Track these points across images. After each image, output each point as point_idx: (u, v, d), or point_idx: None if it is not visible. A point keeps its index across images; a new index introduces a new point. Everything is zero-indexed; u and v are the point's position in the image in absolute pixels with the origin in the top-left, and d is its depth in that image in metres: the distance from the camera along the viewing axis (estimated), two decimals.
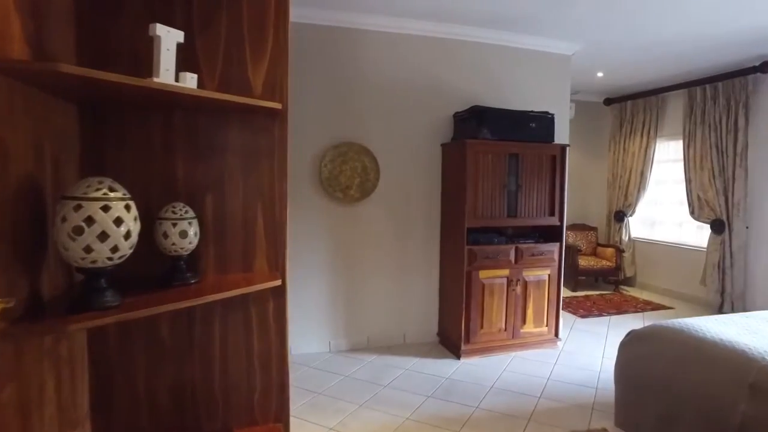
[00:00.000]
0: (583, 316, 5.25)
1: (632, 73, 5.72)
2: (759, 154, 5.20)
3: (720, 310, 5.43)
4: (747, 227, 5.33)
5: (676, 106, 6.09)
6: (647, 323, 5.07)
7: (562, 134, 4.41)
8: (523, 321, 4.11)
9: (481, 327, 3.98)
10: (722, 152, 5.44)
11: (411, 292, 4.31)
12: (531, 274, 4.09)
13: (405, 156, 4.20)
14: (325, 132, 3.99)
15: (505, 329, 4.06)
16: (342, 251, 4.10)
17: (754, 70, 5.10)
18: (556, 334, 4.25)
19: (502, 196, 3.99)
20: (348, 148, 4.05)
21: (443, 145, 4.26)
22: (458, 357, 3.96)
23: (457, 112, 4.17)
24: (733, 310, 5.34)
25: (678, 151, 6.21)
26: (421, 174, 4.26)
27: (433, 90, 4.23)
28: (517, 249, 4.03)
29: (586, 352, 4.17)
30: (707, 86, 5.58)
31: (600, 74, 5.79)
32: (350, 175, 4.06)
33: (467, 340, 3.95)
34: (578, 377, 3.63)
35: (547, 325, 4.20)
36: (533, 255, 4.07)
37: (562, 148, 4.14)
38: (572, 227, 6.99)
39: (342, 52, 3.98)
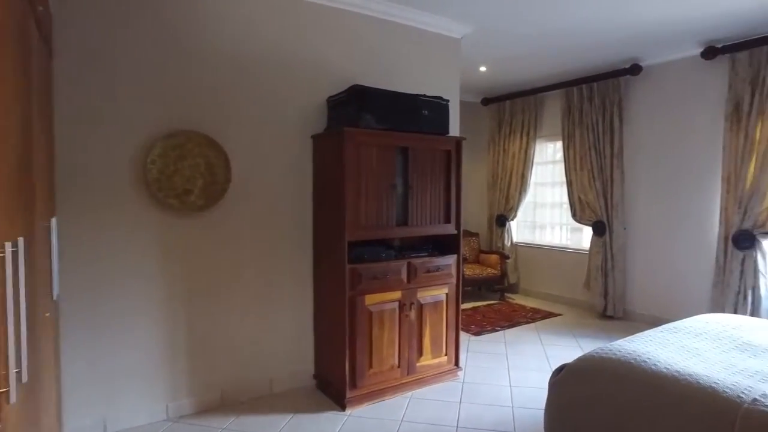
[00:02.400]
0: (476, 333, 4.71)
1: (513, 68, 5.40)
2: (633, 156, 5.15)
3: (604, 313, 5.29)
4: (625, 228, 5.25)
5: (554, 107, 5.93)
6: (543, 335, 4.73)
7: (453, 126, 3.79)
8: (420, 352, 3.37)
9: (370, 366, 3.14)
10: (600, 153, 5.32)
11: (278, 327, 3.33)
12: (427, 295, 3.37)
13: (265, 150, 3.24)
14: (153, 116, 2.87)
15: (399, 365, 3.27)
16: (181, 279, 2.99)
17: (625, 72, 5.04)
18: (457, 363, 3.58)
19: (391, 201, 3.22)
20: (186, 139, 2.96)
21: (315, 137, 3.37)
22: (343, 407, 3.07)
23: (331, 96, 3.31)
24: (615, 313, 5.22)
25: (558, 152, 6.07)
26: (287, 173, 3.32)
27: (302, 68, 3.33)
28: (409, 265, 3.28)
29: (490, 380, 3.56)
30: (584, 86, 5.45)
31: (483, 68, 5.38)
32: (190, 175, 2.98)
33: (353, 385, 3.09)
34: (490, 418, 2.96)
35: (446, 354, 3.51)
36: (429, 271, 3.36)
37: (458, 141, 3.50)
38: None
39: (177, 7, 2.89)
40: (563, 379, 2.25)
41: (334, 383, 3.19)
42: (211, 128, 3.04)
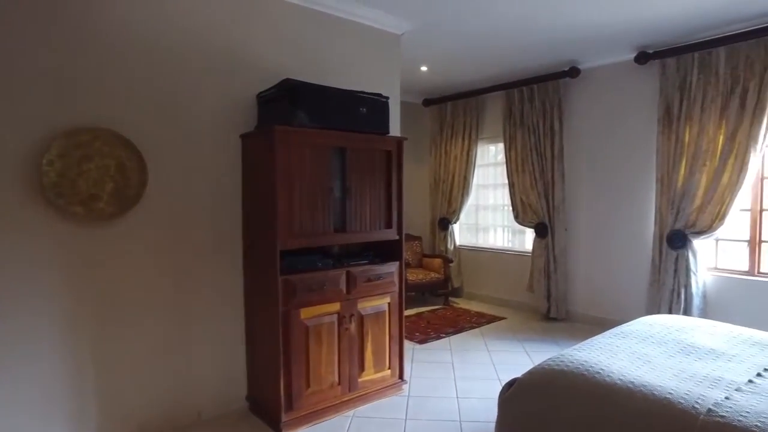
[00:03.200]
0: (421, 342, 4.55)
1: (454, 69, 5.32)
2: (573, 157, 5.20)
3: (548, 316, 5.29)
4: (566, 230, 5.28)
5: (495, 108, 5.90)
6: (489, 340, 4.58)
7: (393, 126, 3.61)
8: (361, 367, 3.15)
9: (308, 386, 2.89)
10: (541, 155, 5.33)
11: (204, 347, 3.00)
12: (368, 306, 3.16)
13: (188, 151, 2.91)
14: (49, 109, 2.48)
15: (339, 383, 3.03)
16: (88, 298, 2.61)
17: (564, 74, 5.07)
18: (401, 376, 3.39)
19: (328, 205, 2.98)
20: (92, 137, 2.59)
21: (244, 137, 3.07)
22: None
23: (261, 92, 3.03)
24: (558, 315, 5.23)
25: (500, 153, 6.06)
26: (213, 176, 3.01)
27: (229, 61, 3.03)
28: (348, 274, 3.05)
29: (437, 392, 3.39)
30: (524, 88, 5.45)
31: (424, 68, 5.25)
32: (98, 178, 2.61)
33: (290, 407, 2.82)
34: None
35: (390, 367, 3.31)
36: (369, 280, 3.14)
37: (399, 142, 3.32)
38: None
39: None
40: (514, 394, 2.11)
41: (269, 406, 2.91)
42: (125, 126, 2.68)
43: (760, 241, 4.12)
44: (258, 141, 2.94)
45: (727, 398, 1.80)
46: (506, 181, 5.78)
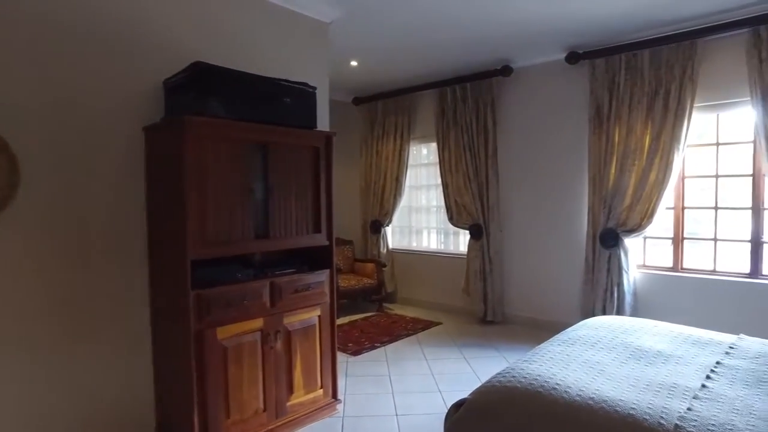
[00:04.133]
0: (355, 353, 4.26)
1: (385, 64, 5.09)
2: (507, 157, 5.14)
3: (484, 319, 5.18)
4: (501, 231, 5.21)
5: (427, 107, 5.75)
6: (426, 348, 4.30)
7: (322, 122, 3.30)
8: (290, 389, 2.80)
9: (228, 415, 2.50)
10: (475, 155, 5.23)
11: (102, 375, 2.53)
12: (296, 320, 2.82)
13: (78, 147, 2.43)
14: None
15: (265, 408, 2.67)
16: None
17: (497, 73, 5.00)
18: (335, 395, 3.08)
19: (248, 208, 2.62)
20: None
21: (147, 129, 2.64)
22: None
23: (169, 78, 2.61)
24: (495, 318, 5.14)
25: (433, 153, 5.91)
26: (110, 175, 2.55)
27: (131, 39, 2.59)
28: (273, 285, 2.70)
29: (374, 410, 3.11)
30: (457, 87, 5.33)
31: (354, 63, 4.98)
32: None
33: None
34: None
35: (322, 387, 2.99)
36: (297, 291, 2.81)
37: (328, 137, 3.01)
38: None
39: None
40: (463, 418, 1.87)
41: None
42: None
43: (683, 238, 4.22)
44: (164, 134, 2.52)
45: (689, 409, 1.67)
46: (440, 182, 5.64)
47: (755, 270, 3.89)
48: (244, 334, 2.56)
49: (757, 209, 3.87)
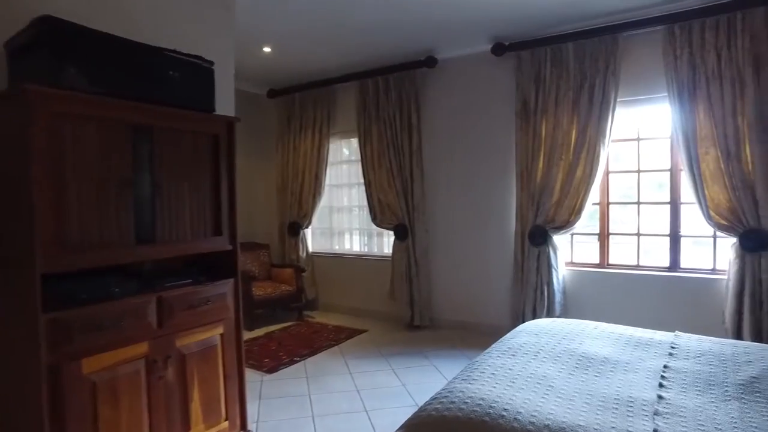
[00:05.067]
0: (271, 370, 3.79)
1: (302, 53, 4.68)
2: (433, 153, 4.90)
3: (412, 324, 4.90)
4: (427, 230, 4.96)
5: (348, 100, 5.38)
6: (351, 360, 3.91)
7: (225, 106, 2.82)
8: (186, 426, 2.30)
9: None
10: (399, 150, 4.95)
11: None
12: (191, 341, 2.33)
13: None
14: None
15: None
16: None
17: (421, 64, 4.75)
18: (243, 426, 2.61)
19: (126, 206, 2.10)
20: None
21: None
22: None
23: (12, 37, 2.03)
24: (422, 322, 4.88)
25: (355, 149, 5.56)
26: None
27: None
28: (161, 301, 2.19)
29: None
30: (379, 78, 5.03)
31: (267, 49, 4.51)
32: None
33: None
34: None
35: (227, 418, 2.51)
36: (192, 306, 2.32)
37: (229, 123, 2.55)
38: (240, 248, 5.48)
39: None
40: None
41: None
42: None
43: (608, 234, 4.19)
44: (5, 109, 1.94)
45: (655, 431, 1.44)
46: (362, 180, 5.30)
47: (674, 263, 3.92)
48: (123, 364, 2.04)
49: (675, 204, 3.90)
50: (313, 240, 5.98)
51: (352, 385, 3.46)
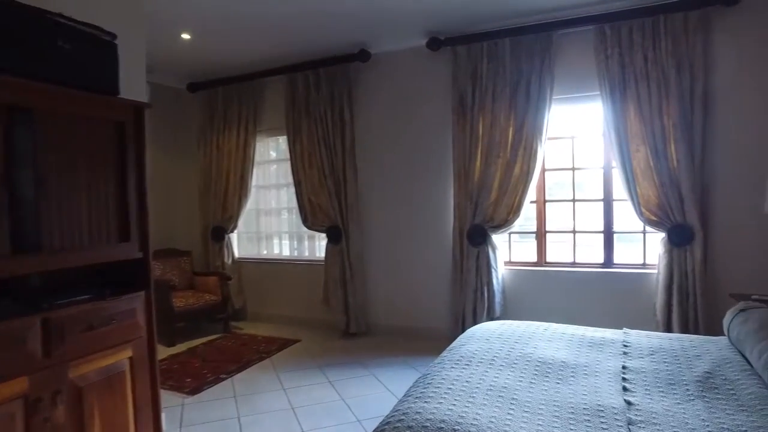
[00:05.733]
0: (194, 391, 3.38)
1: (225, 42, 4.29)
2: (367, 151, 4.68)
3: (347, 331, 4.65)
4: (362, 232, 4.74)
5: (276, 95, 5.04)
6: (284, 374, 3.58)
7: (134, 90, 2.43)
8: None
9: None
10: (331, 149, 4.69)
11: None
12: (90, 370, 1.93)
13: None
14: None
15: None
16: None
17: (354, 58, 4.53)
18: None
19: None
20: None
21: None
22: None
23: None
24: (359, 329, 4.64)
25: (283, 148, 5.23)
26: None
27: None
28: (48, 324, 1.78)
29: None
30: (309, 72, 4.74)
31: (186, 36, 4.09)
32: None
33: None
34: None
35: None
36: (91, 327, 1.93)
37: (138, 109, 2.18)
38: (157, 255, 4.99)
39: None
40: None
41: None
42: None
43: (545, 232, 4.19)
44: None
45: None
46: (291, 180, 4.98)
47: (609, 260, 3.97)
48: None
49: (608, 201, 3.95)
50: (239, 245, 5.56)
51: (287, 403, 3.15)
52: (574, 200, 4.09)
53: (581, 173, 4.11)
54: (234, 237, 5.46)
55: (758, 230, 3.39)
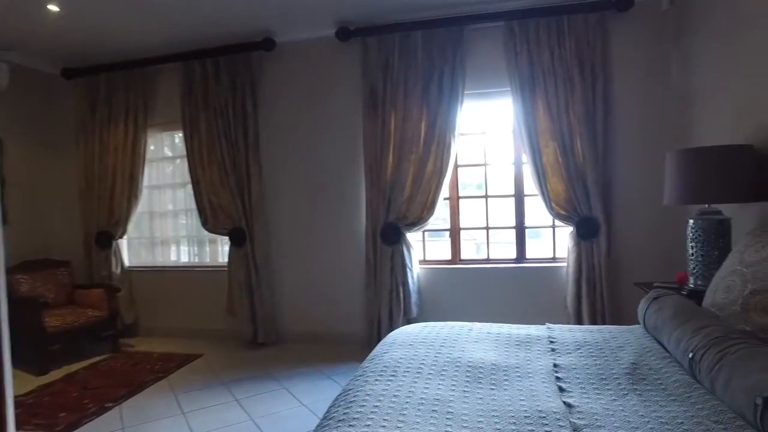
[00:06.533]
0: (69, 427, 2.87)
1: (105, 19, 3.76)
2: (273, 146, 4.36)
3: (255, 341, 4.29)
4: (268, 234, 4.40)
5: (170, 85, 4.54)
6: (183, 396, 3.20)
7: None
8: None
9: None
10: (233, 144, 4.31)
11: None
12: None
13: None
14: None
15: None
16: None
17: (258, 46, 4.20)
18: None
19: None
20: None
21: None
22: None
23: None
24: (267, 338, 4.30)
25: (179, 143, 4.73)
26: None
27: None
28: None
29: None
30: (208, 61, 4.33)
31: (53, 7, 3.50)
32: None
33: None
34: None
35: None
36: None
37: None
38: (25, 268, 4.29)
39: None
40: None
41: None
42: None
43: (459, 229, 4.15)
44: None
45: None
46: (189, 179, 4.51)
47: (521, 255, 4.02)
48: None
49: (519, 197, 4.00)
50: (129, 252, 4.96)
51: (186, 430, 2.76)
52: (486, 196, 4.09)
53: (493, 169, 4.12)
54: (123, 243, 4.86)
55: (657, 222, 3.59)
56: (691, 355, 1.67)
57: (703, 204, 2.68)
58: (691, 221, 2.68)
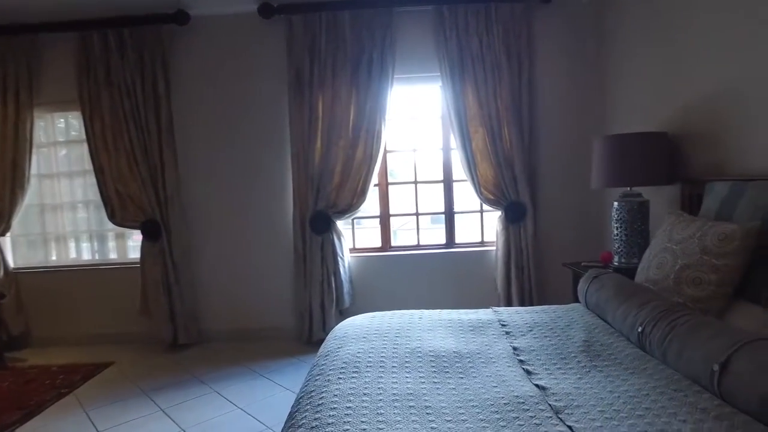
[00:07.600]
0: None
1: None
2: (189, 130, 3.98)
3: (175, 343, 3.95)
4: (186, 225, 4.04)
5: (62, 57, 3.94)
6: (98, 412, 2.82)
7: None
8: None
9: None
10: (143, 128, 3.88)
11: None
12: None
13: None
14: None
15: None
16: None
17: (169, 19, 3.79)
18: None
19: None
20: None
21: None
22: None
23: None
24: (189, 339, 3.97)
25: (77, 126, 4.17)
26: None
27: None
28: None
29: None
30: (110, 32, 3.82)
31: None
32: None
33: None
34: None
35: None
36: None
37: None
38: None
39: None
40: None
41: None
42: None
43: (389, 216, 4.10)
44: None
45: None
46: (90, 167, 4.00)
47: (450, 240, 4.06)
48: None
49: (448, 182, 4.03)
50: (15, 252, 4.31)
51: None
52: (416, 182, 4.07)
53: (422, 155, 4.11)
54: (6, 241, 4.21)
55: (579, 205, 3.80)
56: (640, 329, 1.75)
57: (626, 187, 2.85)
58: (616, 203, 2.84)
